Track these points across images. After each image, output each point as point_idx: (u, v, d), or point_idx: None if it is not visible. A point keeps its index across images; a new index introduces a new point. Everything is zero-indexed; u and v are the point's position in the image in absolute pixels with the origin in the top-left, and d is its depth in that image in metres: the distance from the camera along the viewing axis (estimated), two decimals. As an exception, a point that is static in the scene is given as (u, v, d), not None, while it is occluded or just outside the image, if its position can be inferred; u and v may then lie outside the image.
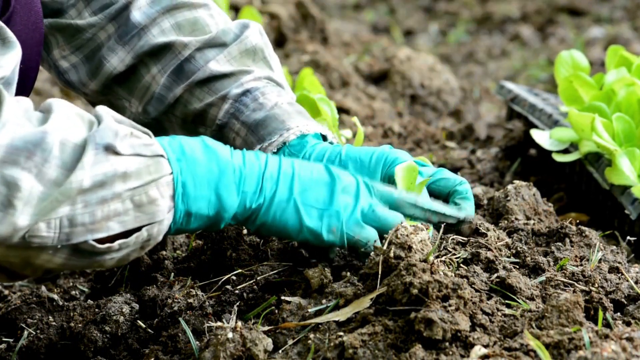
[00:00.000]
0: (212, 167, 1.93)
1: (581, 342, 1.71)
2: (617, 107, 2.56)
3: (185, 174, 1.91)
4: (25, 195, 1.78)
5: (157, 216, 1.88)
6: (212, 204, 1.93)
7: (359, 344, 1.75)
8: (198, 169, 1.92)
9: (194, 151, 1.92)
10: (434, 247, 1.93)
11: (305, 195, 1.98)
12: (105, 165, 1.83)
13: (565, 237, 2.18)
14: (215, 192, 1.93)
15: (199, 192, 1.91)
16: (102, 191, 1.83)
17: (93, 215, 1.83)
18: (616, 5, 5.59)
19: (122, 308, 2.12)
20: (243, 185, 1.95)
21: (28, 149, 1.78)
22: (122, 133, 1.86)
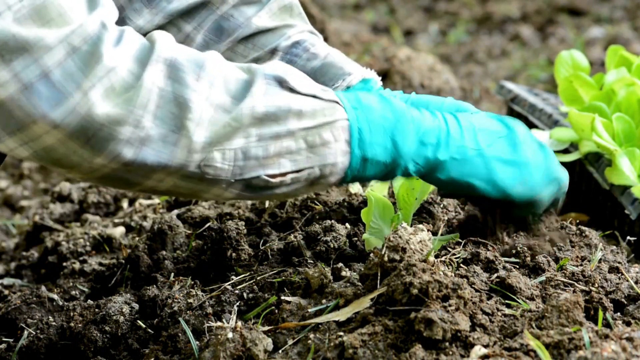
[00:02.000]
0: (387, 114, 1.91)
1: (581, 342, 1.71)
2: (617, 107, 2.56)
3: (361, 120, 1.90)
4: (197, 117, 1.77)
5: (328, 158, 1.87)
6: (388, 150, 1.91)
7: (359, 344, 1.75)
8: (374, 116, 1.90)
9: (369, 100, 1.92)
10: (433, 247, 1.93)
11: (492, 148, 1.96)
12: (279, 98, 1.84)
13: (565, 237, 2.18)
14: (392, 139, 1.91)
15: (375, 138, 1.90)
16: (276, 125, 1.83)
17: (266, 149, 1.83)
18: (616, 5, 5.59)
19: (122, 308, 2.12)
20: (423, 135, 1.93)
21: (194, 70, 1.78)
22: (296, 73, 1.87)
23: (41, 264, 2.66)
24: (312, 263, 2.07)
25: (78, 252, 2.59)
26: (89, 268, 2.49)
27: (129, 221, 2.68)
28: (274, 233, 2.24)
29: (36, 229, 2.87)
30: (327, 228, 2.16)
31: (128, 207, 2.87)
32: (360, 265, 2.05)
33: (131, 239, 2.59)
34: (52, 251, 2.62)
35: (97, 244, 2.60)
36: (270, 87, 1.84)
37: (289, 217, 2.31)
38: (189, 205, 2.64)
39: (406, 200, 2.07)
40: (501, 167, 1.96)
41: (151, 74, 1.76)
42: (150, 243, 2.34)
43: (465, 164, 1.95)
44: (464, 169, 1.95)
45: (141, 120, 1.75)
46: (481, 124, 1.98)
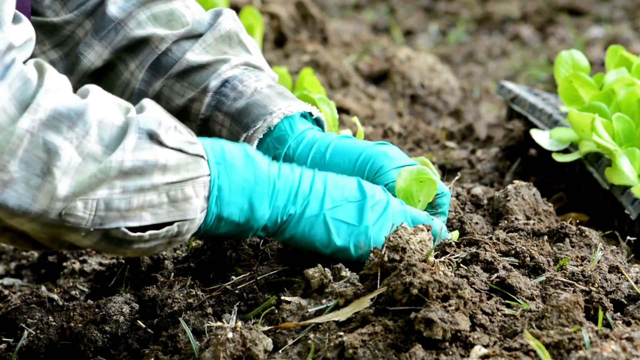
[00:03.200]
0: (249, 175, 1.94)
1: (581, 342, 1.71)
2: (617, 107, 2.56)
3: (222, 178, 1.92)
4: (64, 165, 1.77)
5: (189, 214, 1.89)
6: (244, 212, 1.94)
7: (359, 344, 1.75)
8: (235, 175, 1.93)
9: (233, 157, 1.94)
10: (433, 246, 1.93)
11: (335, 211, 2.00)
12: (148, 153, 1.85)
13: (565, 237, 2.18)
14: (249, 201, 1.94)
15: (233, 198, 1.93)
16: (140, 179, 1.84)
17: (129, 202, 1.84)
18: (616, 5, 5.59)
19: (122, 308, 2.12)
20: (275, 198, 1.96)
21: (71, 118, 1.78)
22: (166, 124, 1.87)
23: (41, 264, 2.66)
24: (312, 263, 2.07)
25: (78, 252, 2.59)
26: (89, 268, 2.49)
27: (129, 221, 2.68)
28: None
29: (36, 229, 2.87)
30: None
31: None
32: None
33: (131, 239, 2.59)
34: (52, 251, 2.62)
35: (97, 244, 2.60)
36: (140, 140, 1.84)
37: (289, 217, 2.31)
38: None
39: (410, 202, 2.07)
40: (341, 229, 2.00)
41: (27, 120, 1.76)
42: (150, 243, 2.34)
43: (305, 225, 1.99)
44: (305, 229, 1.99)
45: (8, 164, 1.76)
46: (336, 186, 2.01)
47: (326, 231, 1.99)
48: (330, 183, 2.01)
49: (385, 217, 2.01)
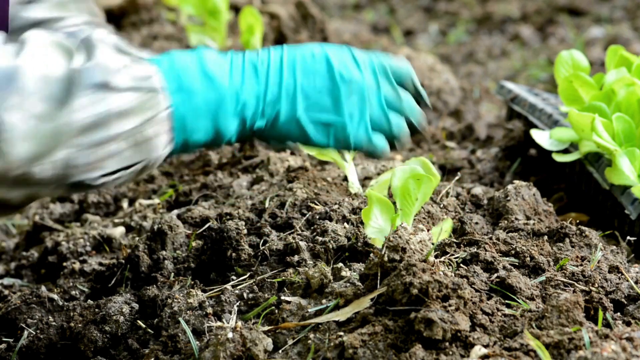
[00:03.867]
0: (210, 96, 1.89)
1: (581, 342, 1.71)
2: (617, 107, 2.56)
3: (184, 106, 1.87)
4: (10, 136, 1.71)
5: (154, 152, 1.86)
6: (210, 132, 1.90)
7: (359, 344, 1.75)
8: (197, 100, 1.88)
9: (192, 80, 1.88)
10: (433, 246, 1.93)
11: (310, 109, 1.95)
12: (101, 105, 1.79)
13: (565, 237, 2.18)
14: (214, 122, 1.90)
15: (197, 123, 1.89)
16: (98, 133, 1.79)
17: (88, 157, 1.80)
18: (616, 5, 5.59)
19: (122, 308, 2.12)
20: (243, 110, 1.91)
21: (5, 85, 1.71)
22: (116, 66, 1.81)
23: (41, 264, 2.66)
24: (312, 263, 2.07)
25: (78, 252, 2.59)
26: (89, 268, 2.49)
27: (129, 221, 2.68)
28: (273, 233, 2.24)
29: (36, 229, 2.87)
30: (327, 228, 2.16)
31: (128, 207, 2.87)
32: (360, 265, 2.05)
33: (131, 239, 2.59)
34: (52, 251, 2.62)
35: (97, 244, 2.60)
36: (92, 95, 1.79)
37: (289, 217, 2.31)
38: (189, 205, 2.64)
39: (407, 201, 2.07)
40: (317, 129, 1.95)
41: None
42: (150, 243, 2.34)
43: (282, 129, 1.94)
44: (281, 132, 1.94)
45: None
46: (306, 74, 1.93)
47: (302, 133, 1.94)
48: (300, 70, 1.93)
49: (363, 108, 1.95)
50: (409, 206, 2.07)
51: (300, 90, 1.93)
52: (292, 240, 2.14)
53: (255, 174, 2.72)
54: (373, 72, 1.99)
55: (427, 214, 2.24)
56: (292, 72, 1.94)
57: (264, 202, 2.41)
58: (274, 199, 2.39)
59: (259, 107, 1.92)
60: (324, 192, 2.39)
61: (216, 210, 2.49)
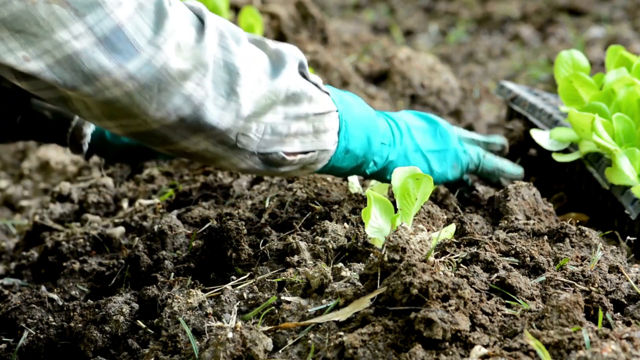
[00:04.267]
0: (363, 112, 2.14)
1: (581, 342, 1.71)
2: (617, 107, 2.56)
3: (346, 114, 2.10)
4: (244, 84, 1.91)
5: (327, 144, 2.07)
6: (363, 146, 2.13)
7: (359, 344, 1.75)
8: (354, 112, 2.12)
9: (347, 96, 2.14)
10: (433, 246, 1.93)
11: (426, 143, 2.25)
12: (301, 83, 2.02)
13: (565, 237, 2.18)
14: (366, 135, 2.13)
15: (356, 132, 2.11)
16: (296, 107, 2.00)
17: (288, 128, 2.01)
18: (616, 5, 5.59)
19: (122, 308, 2.12)
20: (382, 137, 2.18)
21: (236, 43, 1.91)
22: (306, 62, 2.05)
23: (41, 264, 2.66)
24: (312, 263, 2.07)
25: (78, 252, 2.59)
26: (89, 268, 2.49)
27: (129, 221, 2.68)
28: (273, 233, 2.24)
29: (36, 229, 2.87)
30: (327, 228, 2.16)
31: (128, 207, 2.87)
32: (360, 265, 2.05)
33: (131, 239, 2.59)
34: (52, 251, 2.62)
35: (97, 244, 2.60)
36: (295, 71, 2.01)
37: (289, 217, 2.31)
38: (189, 205, 2.64)
39: (406, 200, 2.07)
40: (435, 158, 2.25)
41: (209, 37, 1.88)
42: (150, 243, 2.34)
43: (408, 161, 2.22)
44: (409, 164, 2.21)
45: (203, 80, 1.87)
46: (411, 122, 2.25)
47: (426, 163, 2.22)
48: (406, 120, 2.24)
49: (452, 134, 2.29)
50: (408, 206, 2.07)
51: (414, 130, 2.26)
52: (292, 240, 2.14)
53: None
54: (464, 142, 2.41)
55: (427, 214, 2.24)
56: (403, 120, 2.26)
57: (264, 202, 2.41)
58: (274, 199, 2.39)
59: (392, 137, 2.21)
60: (324, 192, 2.39)
61: (216, 210, 2.49)
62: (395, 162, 2.20)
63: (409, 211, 2.06)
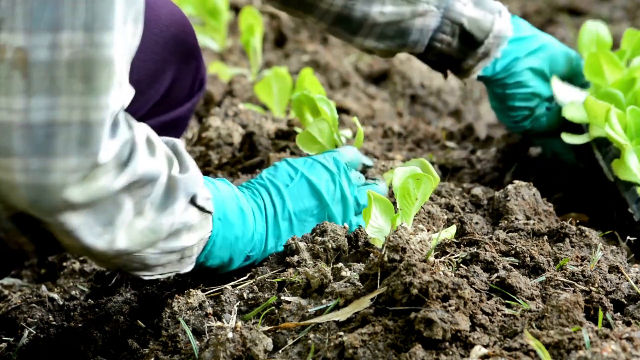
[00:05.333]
0: (239, 233, 2.03)
1: (581, 342, 1.71)
2: (634, 98, 2.56)
3: (219, 235, 2.00)
4: (122, 220, 1.80)
5: (184, 268, 1.98)
6: (224, 263, 2.05)
7: (359, 344, 1.75)
8: (228, 232, 2.02)
9: (231, 212, 2.02)
10: (433, 246, 1.93)
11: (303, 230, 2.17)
12: (187, 215, 1.91)
13: (565, 237, 2.18)
14: (230, 255, 2.05)
15: (220, 252, 2.02)
16: (174, 242, 1.91)
17: (158, 260, 1.91)
18: (616, 5, 5.59)
19: (122, 308, 2.12)
20: (251, 250, 2.09)
21: (143, 182, 1.81)
22: (201, 182, 1.94)
23: (41, 264, 2.66)
24: (311, 263, 2.07)
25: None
26: (89, 268, 2.49)
27: (129, 221, 2.68)
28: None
29: (36, 228, 2.86)
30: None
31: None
32: (360, 265, 2.05)
33: (131, 239, 2.59)
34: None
35: (97, 244, 2.60)
36: (187, 205, 1.90)
37: (289, 217, 2.31)
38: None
39: (406, 200, 2.07)
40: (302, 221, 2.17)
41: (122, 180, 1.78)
42: (150, 243, 2.33)
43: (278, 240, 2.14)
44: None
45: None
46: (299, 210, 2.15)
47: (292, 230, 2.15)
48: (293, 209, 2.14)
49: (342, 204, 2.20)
50: (408, 206, 2.07)
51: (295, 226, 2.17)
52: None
53: (255, 173, 2.72)
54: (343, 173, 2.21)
55: (427, 214, 2.24)
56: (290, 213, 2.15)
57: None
58: (274, 199, 2.39)
59: (261, 248, 2.11)
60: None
61: (216, 210, 2.49)
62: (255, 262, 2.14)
63: (409, 211, 2.06)
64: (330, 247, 2.12)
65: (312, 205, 2.16)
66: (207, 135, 3.06)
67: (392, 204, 2.10)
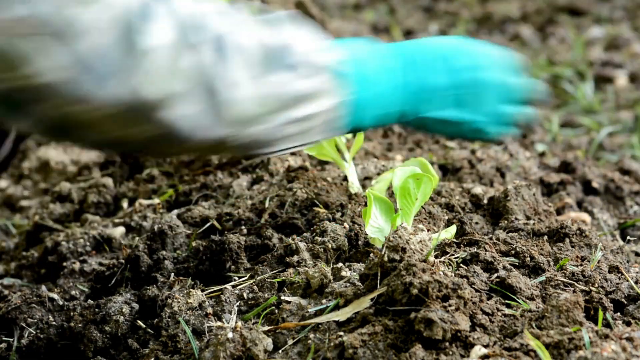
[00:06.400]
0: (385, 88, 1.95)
1: (581, 342, 1.71)
2: None
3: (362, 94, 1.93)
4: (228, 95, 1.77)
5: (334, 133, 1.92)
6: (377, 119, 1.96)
7: (359, 344, 1.75)
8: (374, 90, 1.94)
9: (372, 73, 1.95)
10: (433, 246, 1.93)
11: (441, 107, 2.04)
12: (308, 81, 1.85)
13: (565, 237, 2.18)
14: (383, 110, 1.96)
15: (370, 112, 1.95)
16: (295, 111, 1.85)
17: (283, 131, 1.85)
18: (616, 5, 5.59)
19: (122, 308, 2.12)
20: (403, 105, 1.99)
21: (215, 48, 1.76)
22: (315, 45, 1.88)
23: (41, 264, 2.66)
24: (311, 263, 2.07)
25: (78, 252, 2.59)
26: (89, 268, 2.49)
27: (129, 221, 2.68)
28: (274, 234, 2.24)
29: (36, 229, 2.87)
30: (327, 228, 2.16)
31: (128, 207, 2.87)
32: (360, 265, 2.05)
33: (131, 239, 2.59)
34: (52, 251, 2.62)
35: (97, 244, 2.60)
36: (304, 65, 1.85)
37: (289, 217, 2.31)
38: (189, 205, 2.64)
39: (406, 200, 2.07)
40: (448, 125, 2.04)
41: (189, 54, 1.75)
42: (150, 243, 2.34)
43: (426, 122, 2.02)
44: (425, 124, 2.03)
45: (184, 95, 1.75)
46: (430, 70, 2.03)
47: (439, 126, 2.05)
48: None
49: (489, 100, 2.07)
50: (408, 206, 2.07)
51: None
52: (292, 241, 2.14)
53: (255, 174, 2.72)
54: (494, 67, 2.09)
55: (428, 214, 2.24)
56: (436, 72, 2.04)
57: (264, 202, 2.41)
58: (274, 199, 2.39)
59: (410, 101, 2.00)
60: (324, 192, 2.39)
61: (216, 210, 2.49)
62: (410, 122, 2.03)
63: (409, 211, 2.06)
64: (330, 247, 2.12)
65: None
66: (207, 135, 3.06)
67: (392, 204, 2.10)
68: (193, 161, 3.04)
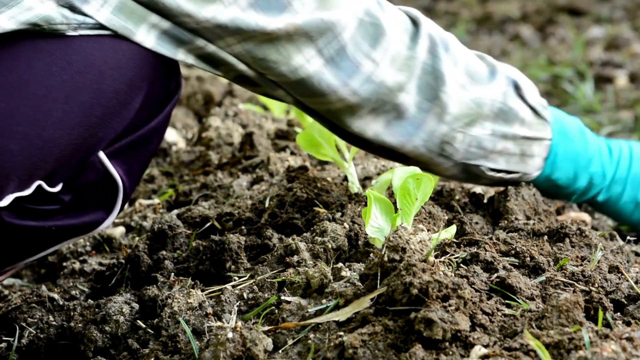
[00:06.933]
0: (580, 149, 2.22)
1: (581, 342, 1.71)
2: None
3: (559, 145, 2.20)
4: (448, 90, 2.01)
5: (529, 169, 2.20)
6: (568, 179, 2.22)
7: (359, 344, 1.75)
8: (569, 146, 2.21)
9: (570, 129, 2.22)
10: (433, 246, 1.93)
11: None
12: (514, 102, 2.10)
13: (565, 237, 2.18)
14: (574, 171, 2.22)
15: (564, 164, 2.21)
16: (505, 126, 2.10)
17: (495, 144, 2.10)
18: (616, 5, 5.59)
19: (122, 308, 2.12)
20: (592, 176, 2.25)
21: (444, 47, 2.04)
22: (526, 82, 2.15)
23: (41, 264, 2.66)
24: (312, 263, 2.07)
25: (78, 252, 2.59)
26: (89, 268, 2.49)
27: (129, 221, 2.68)
28: (274, 234, 2.24)
29: (36, 228, 2.86)
30: (327, 228, 2.16)
31: (128, 207, 2.87)
32: (360, 265, 2.05)
33: (131, 239, 2.59)
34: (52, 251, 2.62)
35: (97, 244, 2.60)
36: (509, 88, 2.09)
37: (289, 217, 2.31)
38: (189, 205, 2.64)
39: (407, 200, 2.07)
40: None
41: (421, 47, 1.99)
42: (150, 243, 2.34)
43: (619, 206, 2.33)
44: (616, 209, 2.34)
45: (408, 86, 1.99)
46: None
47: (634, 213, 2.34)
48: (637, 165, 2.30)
49: None
50: (408, 206, 2.07)
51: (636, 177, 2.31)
52: (292, 241, 2.14)
53: (255, 174, 2.72)
54: None
55: (428, 214, 2.24)
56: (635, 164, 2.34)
57: (264, 202, 2.41)
58: (274, 199, 2.39)
59: (605, 182, 2.29)
60: (324, 192, 2.39)
61: (216, 210, 2.49)
62: (600, 202, 2.31)
63: (409, 211, 2.06)
64: (330, 247, 2.12)
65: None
66: (207, 135, 3.06)
67: (392, 204, 2.10)
68: (193, 161, 3.05)
